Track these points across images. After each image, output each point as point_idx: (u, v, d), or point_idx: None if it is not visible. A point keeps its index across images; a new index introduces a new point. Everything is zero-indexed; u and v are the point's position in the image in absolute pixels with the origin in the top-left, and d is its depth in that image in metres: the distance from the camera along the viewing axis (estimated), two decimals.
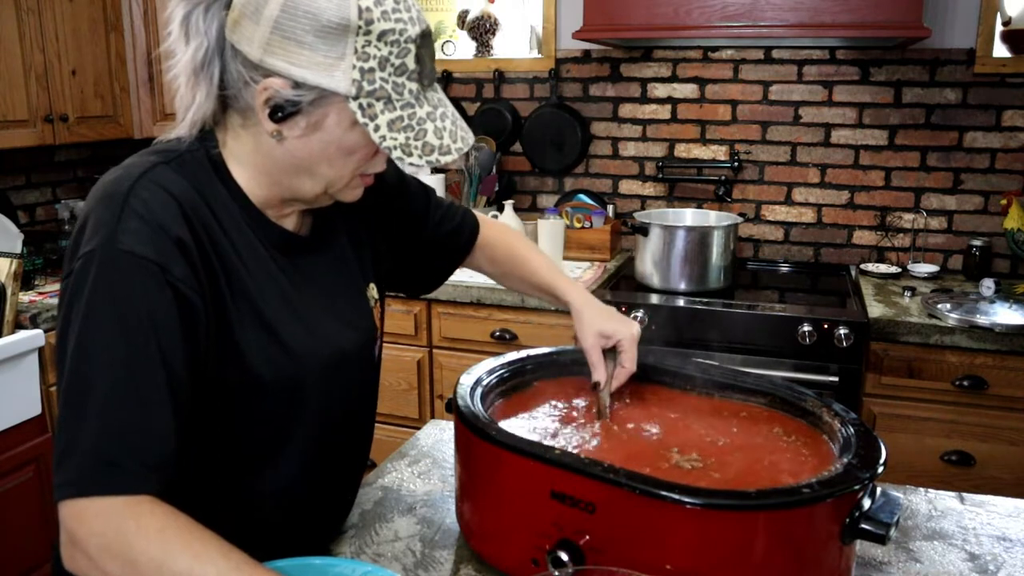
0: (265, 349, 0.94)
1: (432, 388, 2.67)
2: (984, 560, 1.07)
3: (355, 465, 1.17)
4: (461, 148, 0.93)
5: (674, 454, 1.02)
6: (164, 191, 0.88)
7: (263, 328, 0.95)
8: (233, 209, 0.95)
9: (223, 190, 0.95)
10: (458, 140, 0.93)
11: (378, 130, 0.88)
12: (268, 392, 0.96)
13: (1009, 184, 2.59)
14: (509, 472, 0.97)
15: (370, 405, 1.18)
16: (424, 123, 0.90)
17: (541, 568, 0.94)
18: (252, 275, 0.95)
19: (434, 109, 0.92)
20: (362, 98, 0.87)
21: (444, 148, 0.91)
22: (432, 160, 0.90)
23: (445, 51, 3.16)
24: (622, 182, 2.99)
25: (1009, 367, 2.09)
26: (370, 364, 1.13)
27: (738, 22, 2.31)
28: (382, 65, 0.87)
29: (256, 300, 0.94)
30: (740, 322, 2.24)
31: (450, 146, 0.91)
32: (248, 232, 0.96)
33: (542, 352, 1.26)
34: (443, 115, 0.92)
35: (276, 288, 0.97)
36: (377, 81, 0.87)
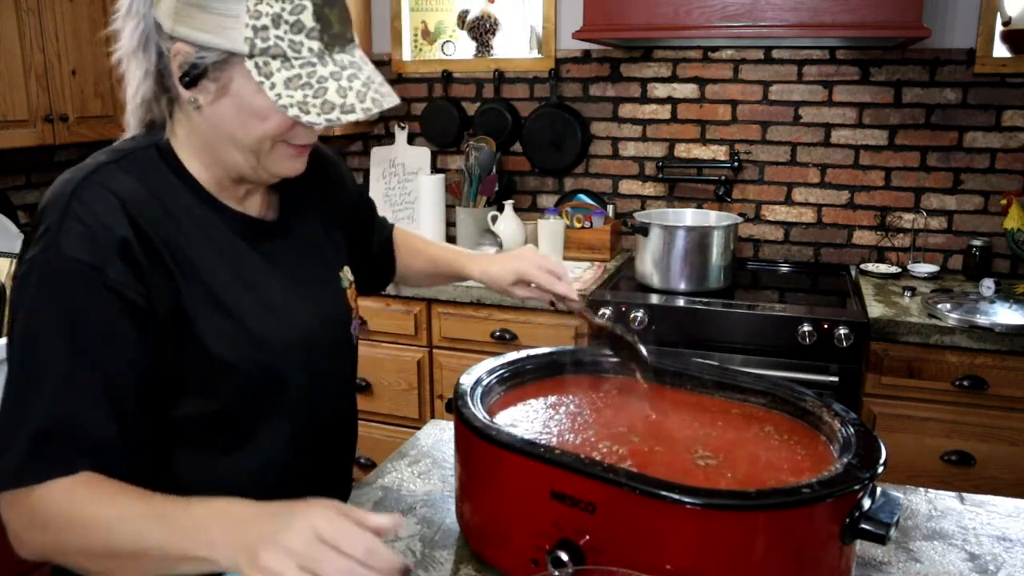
0: (228, 335, 0.96)
1: (432, 388, 2.67)
2: (984, 560, 1.07)
3: (341, 453, 1.19)
4: (369, 108, 0.90)
5: (697, 450, 1.02)
6: (107, 191, 0.91)
7: (224, 315, 0.96)
8: (187, 199, 0.97)
9: (176, 181, 0.97)
10: (367, 101, 0.90)
11: (274, 88, 0.88)
12: (241, 377, 0.97)
13: (1009, 184, 2.59)
14: (509, 472, 0.97)
15: (350, 388, 1.20)
16: (326, 81, 0.88)
17: (541, 568, 0.94)
18: (209, 264, 0.96)
19: (341, 70, 0.90)
20: (257, 56, 0.87)
21: (347, 107, 0.89)
22: (333, 119, 0.88)
23: (445, 51, 3.16)
24: (622, 182, 2.99)
25: (1009, 367, 2.09)
26: (347, 346, 1.15)
27: (738, 22, 2.31)
28: (276, 22, 0.86)
29: (214, 288, 0.96)
30: (740, 322, 2.24)
31: (354, 105, 0.89)
32: (205, 221, 0.98)
33: (542, 352, 1.26)
34: (352, 76, 0.90)
35: (236, 275, 0.99)
36: (272, 39, 0.87)
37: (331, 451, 1.15)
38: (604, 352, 1.24)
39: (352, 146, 3.34)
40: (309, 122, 0.88)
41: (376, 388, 2.71)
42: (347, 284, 1.15)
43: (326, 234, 1.15)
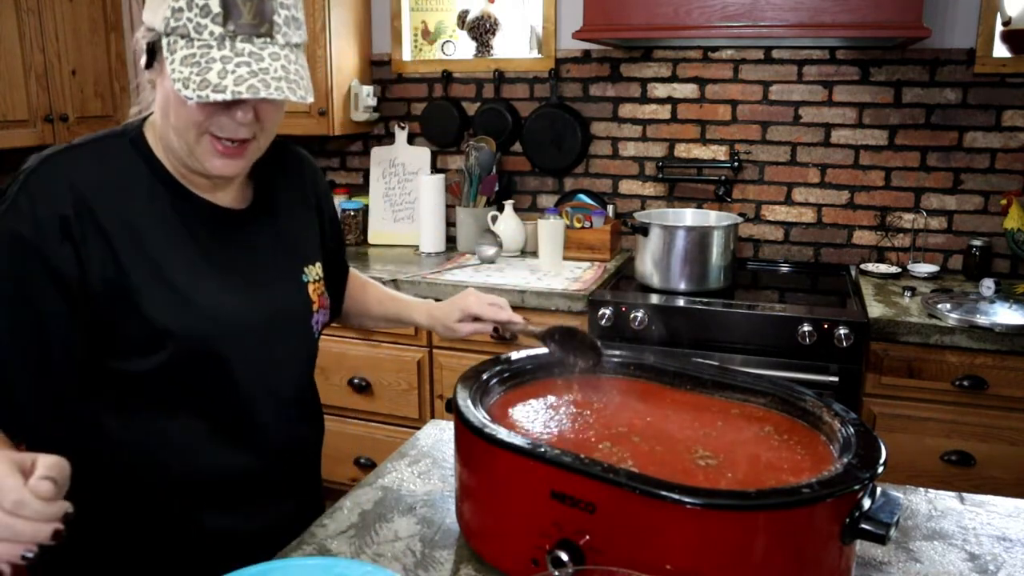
0: (170, 307, 1.02)
1: (432, 388, 2.67)
2: (984, 560, 1.07)
3: (300, 444, 1.23)
4: (240, 92, 0.92)
5: (697, 450, 1.02)
6: (60, 172, 1.00)
7: (169, 289, 1.03)
8: (150, 184, 1.05)
9: (142, 166, 1.05)
10: (242, 86, 0.93)
11: (172, 63, 0.94)
12: (179, 344, 1.03)
13: (1009, 184, 2.59)
14: (509, 472, 0.97)
15: (306, 378, 1.25)
16: (214, 63, 0.93)
17: (541, 568, 0.94)
18: (160, 244, 1.03)
19: (235, 56, 0.94)
20: (170, 35, 0.95)
21: (220, 87, 0.92)
22: (202, 95, 0.92)
23: (445, 51, 3.16)
24: (622, 182, 2.99)
25: (1009, 367, 2.09)
26: (304, 338, 1.20)
27: (738, 22, 2.31)
28: (189, 4, 0.93)
29: (163, 266, 1.03)
30: (740, 322, 2.24)
31: (227, 87, 0.92)
32: (164, 205, 1.05)
33: (542, 352, 1.26)
34: (242, 63, 0.94)
35: (188, 256, 1.05)
36: (183, 19, 0.94)
37: (285, 440, 1.18)
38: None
39: (352, 146, 3.34)
40: (184, 96, 0.93)
41: (376, 388, 2.71)
42: (312, 279, 1.20)
43: (297, 231, 1.21)
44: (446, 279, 2.58)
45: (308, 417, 1.26)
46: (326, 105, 2.94)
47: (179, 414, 1.07)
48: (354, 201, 3.17)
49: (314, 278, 1.21)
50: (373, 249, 3.09)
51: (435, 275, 2.63)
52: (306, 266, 1.20)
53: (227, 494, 1.13)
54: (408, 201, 3.14)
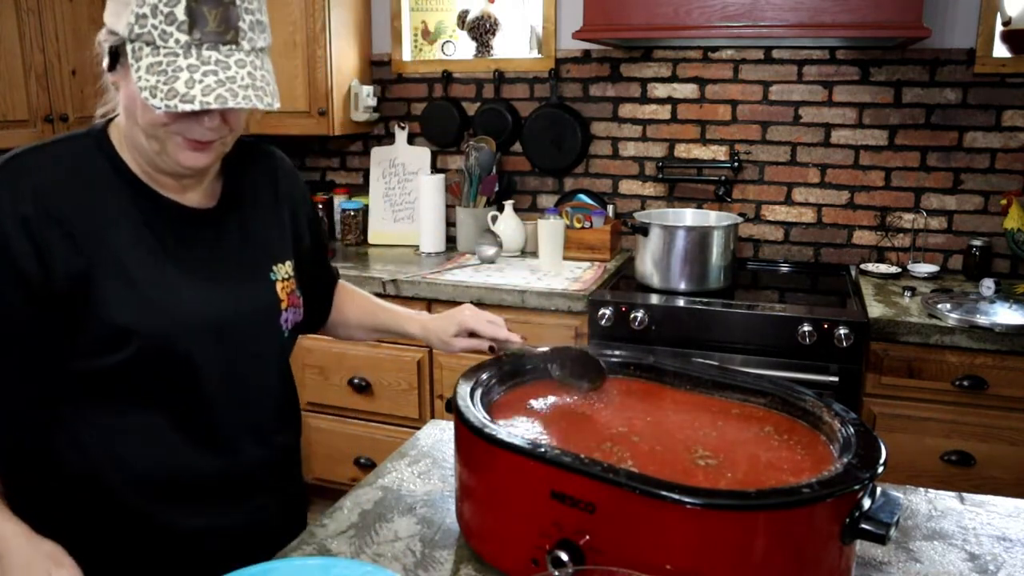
0: (131, 304, 1.02)
1: (432, 388, 2.67)
2: (984, 560, 1.07)
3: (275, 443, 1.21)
4: (208, 103, 0.93)
5: (697, 450, 1.02)
6: (22, 173, 1.01)
7: (130, 287, 1.03)
8: (115, 184, 1.05)
9: (105, 166, 1.06)
10: (210, 96, 0.93)
11: (138, 71, 0.94)
12: (142, 342, 1.02)
13: (1009, 184, 2.59)
14: (509, 472, 0.97)
15: (277, 377, 1.22)
16: (180, 72, 0.93)
17: (541, 568, 0.94)
18: (124, 243, 1.03)
19: (201, 64, 0.94)
20: (135, 41, 0.95)
21: (188, 97, 0.92)
22: (171, 105, 0.92)
23: (445, 51, 3.16)
24: (622, 182, 2.99)
25: (1009, 367, 2.09)
26: (273, 336, 1.18)
27: (738, 22, 2.31)
28: (154, 11, 0.93)
29: (126, 264, 1.03)
30: (740, 322, 2.24)
31: (195, 97, 0.93)
32: (128, 204, 1.05)
33: (542, 352, 1.26)
34: (209, 72, 0.94)
35: (151, 254, 1.05)
36: (148, 26, 0.94)
37: (257, 439, 1.17)
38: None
39: (352, 146, 3.34)
40: (152, 105, 0.93)
41: (376, 388, 2.71)
42: (281, 277, 1.19)
43: (266, 229, 1.20)
44: (446, 279, 2.58)
45: (281, 414, 1.24)
46: (326, 105, 2.94)
47: (144, 413, 1.07)
48: (354, 201, 3.17)
49: (283, 276, 1.20)
50: (373, 249, 3.09)
51: (435, 275, 2.63)
52: (275, 264, 1.19)
53: (197, 493, 1.12)
54: (408, 201, 3.14)
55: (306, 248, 1.30)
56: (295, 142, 3.33)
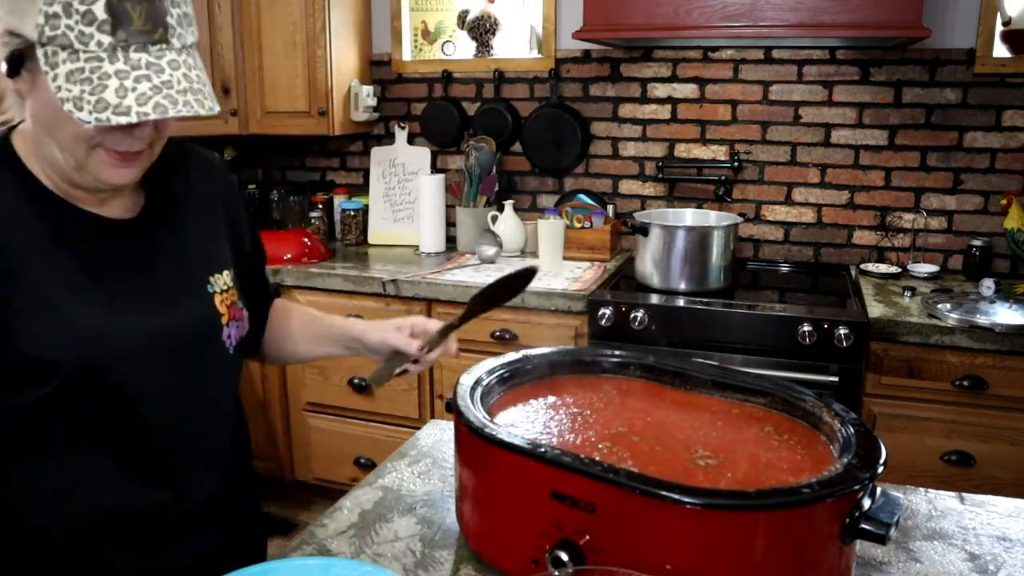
0: (53, 333, 0.92)
1: (432, 388, 2.67)
2: (984, 560, 1.07)
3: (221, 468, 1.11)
4: (147, 113, 0.84)
5: (697, 450, 1.02)
6: None
7: (49, 313, 0.92)
8: (22, 200, 0.94)
9: (9, 177, 0.95)
10: (148, 105, 0.84)
11: (56, 80, 0.84)
12: (68, 375, 0.92)
13: (1009, 184, 2.59)
14: (509, 472, 0.97)
15: (224, 398, 1.12)
16: (108, 79, 0.84)
17: (541, 568, 0.94)
18: (36, 264, 0.93)
19: (131, 69, 0.85)
20: (48, 45, 0.84)
21: (121, 108, 0.83)
22: (102, 119, 0.83)
23: (445, 51, 3.16)
24: (622, 182, 2.99)
25: (1009, 367, 2.09)
26: (216, 355, 1.08)
27: (738, 22, 2.31)
28: (67, 11, 0.82)
29: (41, 288, 0.92)
30: (740, 322, 2.24)
31: (131, 108, 0.83)
32: (38, 218, 0.94)
33: (542, 352, 1.26)
34: (142, 78, 0.85)
35: (68, 273, 0.94)
36: (62, 27, 0.83)
37: (210, 469, 1.08)
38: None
39: (352, 146, 3.34)
40: (80, 119, 0.83)
41: (376, 388, 2.71)
42: (219, 289, 1.09)
43: (200, 237, 1.10)
44: (446, 279, 2.58)
45: (235, 441, 1.15)
46: (326, 105, 2.94)
47: (82, 450, 0.96)
48: (354, 201, 3.17)
49: (222, 287, 1.09)
50: (373, 249, 3.09)
51: (435, 275, 2.63)
52: (212, 275, 1.08)
53: (145, 531, 1.02)
54: (408, 201, 3.14)
55: (246, 254, 1.20)
56: (295, 142, 3.33)
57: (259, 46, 2.96)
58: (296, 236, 2.89)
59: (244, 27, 2.96)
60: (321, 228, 3.18)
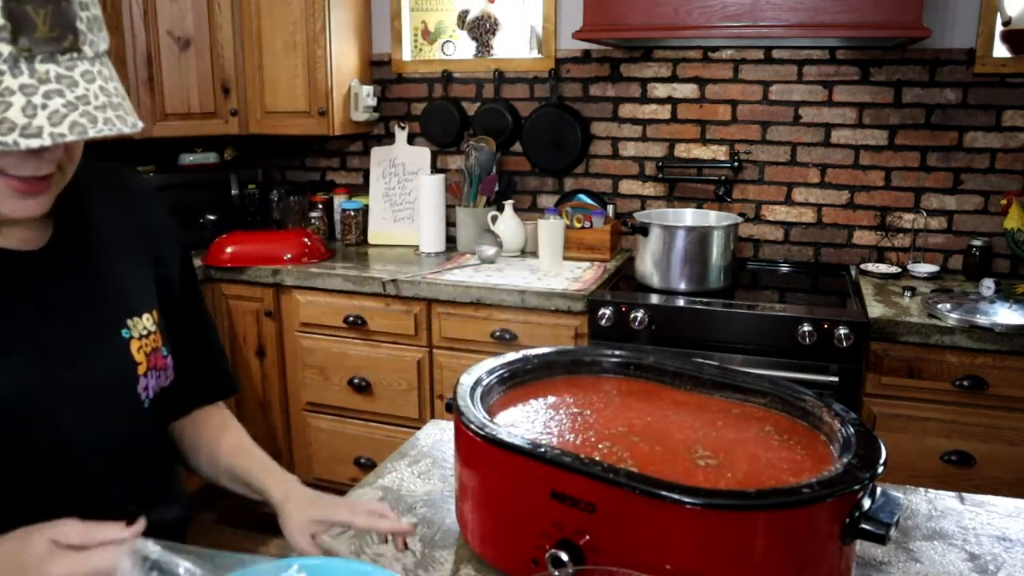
0: None
1: (432, 388, 2.67)
2: (984, 560, 1.07)
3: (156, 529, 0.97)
4: (63, 134, 0.73)
5: (697, 450, 1.02)
6: None
7: None
8: None
9: None
10: (63, 124, 0.73)
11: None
12: None
13: (1009, 184, 2.59)
14: (509, 472, 0.97)
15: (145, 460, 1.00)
16: (12, 95, 0.72)
17: (541, 568, 0.94)
18: None
19: (38, 83, 0.73)
20: None
21: (31, 130, 0.72)
22: (8, 142, 0.71)
23: (445, 51, 3.16)
24: (622, 182, 2.99)
25: (1009, 367, 2.09)
26: (131, 408, 0.96)
27: (738, 22, 2.31)
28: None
29: None
30: (740, 322, 2.24)
31: (42, 128, 0.72)
32: None
33: (542, 352, 1.26)
34: (52, 93, 0.74)
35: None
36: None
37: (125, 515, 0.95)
38: None
39: (352, 146, 3.34)
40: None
41: (376, 388, 2.71)
42: (138, 334, 0.97)
43: (118, 272, 0.98)
44: (446, 279, 2.58)
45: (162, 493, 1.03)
46: (326, 105, 2.94)
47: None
48: (354, 201, 3.17)
49: (141, 332, 0.97)
50: (373, 249, 3.09)
51: (435, 275, 2.63)
52: (129, 318, 0.96)
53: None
54: (408, 201, 3.14)
55: (174, 296, 1.07)
56: (295, 142, 3.33)
57: (259, 46, 2.96)
58: (296, 236, 2.89)
59: (244, 27, 2.96)
60: (321, 228, 3.18)
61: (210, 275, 2.83)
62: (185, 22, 2.89)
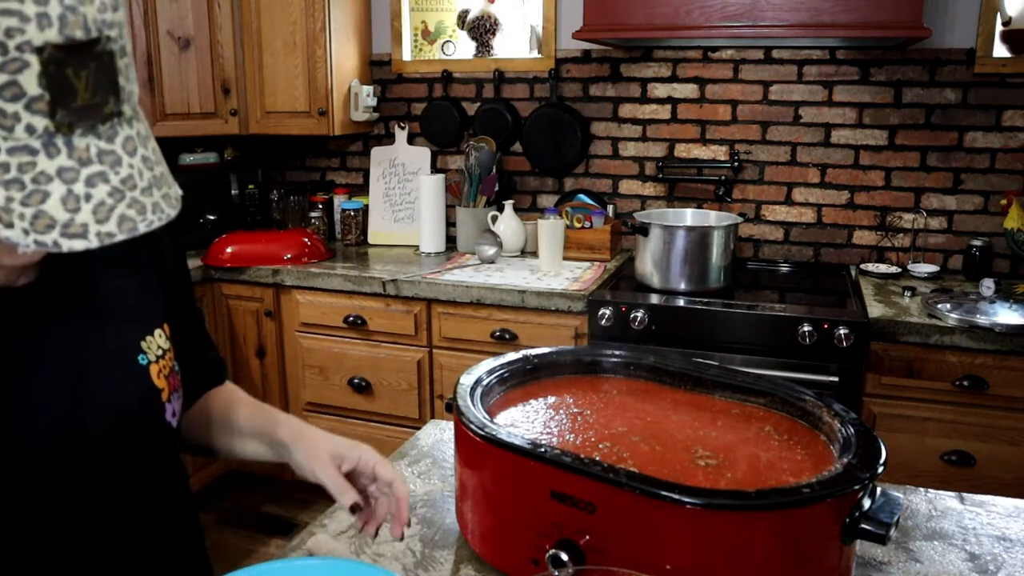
0: None
1: (432, 388, 2.67)
2: (984, 560, 1.07)
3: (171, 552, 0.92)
4: (112, 234, 0.61)
5: (697, 450, 1.02)
6: None
7: None
8: None
9: None
10: (110, 222, 0.61)
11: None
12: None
13: (1009, 184, 2.59)
14: (509, 472, 0.97)
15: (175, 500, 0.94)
16: (50, 182, 0.59)
17: (541, 568, 0.94)
18: None
19: (79, 165, 0.60)
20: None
21: (75, 228, 0.59)
22: (45, 242, 0.59)
23: (445, 51, 3.16)
24: (622, 182, 2.99)
25: (1009, 367, 2.09)
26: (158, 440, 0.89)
27: (738, 22, 2.31)
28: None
29: None
30: (740, 322, 2.24)
31: (87, 227, 0.60)
32: None
33: (542, 352, 1.26)
34: (97, 177, 0.61)
35: None
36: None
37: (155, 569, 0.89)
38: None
39: (352, 146, 3.34)
40: (8, 239, 0.59)
41: (376, 388, 2.71)
42: (154, 356, 0.88)
43: (124, 294, 0.88)
44: (446, 279, 2.58)
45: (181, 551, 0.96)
46: (326, 105, 2.94)
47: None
48: (354, 201, 3.17)
49: (157, 354, 0.88)
50: (373, 249, 3.09)
51: (435, 275, 2.63)
52: (143, 339, 0.87)
53: None
54: (408, 201, 3.14)
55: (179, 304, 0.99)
56: (295, 142, 3.33)
57: (259, 46, 2.96)
58: (296, 236, 2.89)
59: (244, 27, 2.96)
60: (321, 228, 3.18)
61: (210, 275, 2.83)
62: (185, 22, 2.89)
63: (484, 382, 1.15)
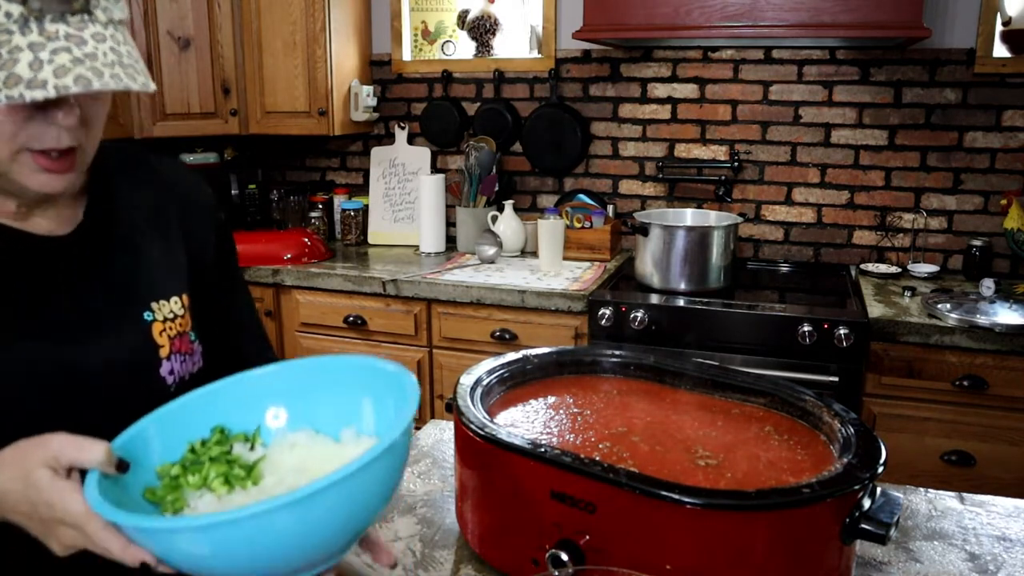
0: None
1: (432, 388, 2.67)
2: (984, 560, 1.07)
3: None
4: (67, 86, 0.73)
5: (697, 450, 1.02)
6: None
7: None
8: None
9: None
10: (67, 77, 0.73)
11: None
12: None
13: (1009, 184, 2.59)
14: (509, 472, 0.97)
15: None
16: (20, 52, 0.73)
17: (541, 568, 0.94)
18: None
19: (47, 40, 0.74)
20: None
21: (35, 82, 0.72)
22: (13, 95, 0.72)
23: (445, 51, 3.16)
24: (622, 182, 2.99)
25: (1009, 367, 2.09)
26: (152, 394, 0.93)
27: (738, 22, 2.31)
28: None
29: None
30: (740, 322, 2.24)
31: (47, 81, 0.73)
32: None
33: (542, 352, 1.27)
34: (60, 49, 0.74)
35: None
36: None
37: None
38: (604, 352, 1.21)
39: (352, 146, 3.34)
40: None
41: None
42: (161, 317, 0.96)
43: (144, 256, 0.97)
44: (446, 279, 2.58)
45: None
46: (326, 105, 2.94)
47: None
48: (354, 201, 3.17)
49: (166, 316, 0.96)
50: (373, 249, 3.09)
51: (435, 275, 2.63)
52: (155, 301, 0.95)
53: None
54: (408, 201, 3.14)
55: (208, 280, 1.05)
56: (295, 142, 3.33)
57: (259, 46, 2.96)
58: (296, 236, 2.89)
59: (244, 27, 2.96)
60: (321, 228, 3.18)
61: None
62: (185, 22, 2.89)
63: (484, 382, 1.15)
